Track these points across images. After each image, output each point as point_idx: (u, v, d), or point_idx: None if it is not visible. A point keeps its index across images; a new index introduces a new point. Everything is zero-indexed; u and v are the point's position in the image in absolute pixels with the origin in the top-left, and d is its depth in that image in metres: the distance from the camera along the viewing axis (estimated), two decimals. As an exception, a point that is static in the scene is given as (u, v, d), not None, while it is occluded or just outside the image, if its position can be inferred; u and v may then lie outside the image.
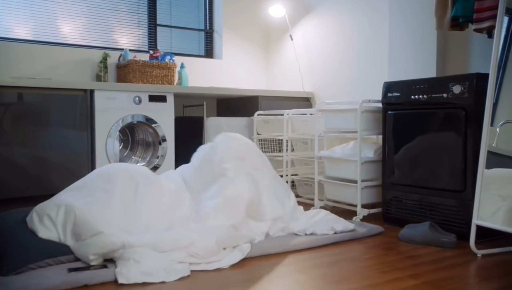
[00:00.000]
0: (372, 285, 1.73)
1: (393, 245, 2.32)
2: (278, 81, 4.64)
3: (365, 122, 2.87)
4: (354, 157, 2.86)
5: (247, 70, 4.67)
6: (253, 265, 2.00)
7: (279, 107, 3.99)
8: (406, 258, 2.08)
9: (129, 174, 2.35)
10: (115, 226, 2.08)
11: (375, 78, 3.57)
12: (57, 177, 3.10)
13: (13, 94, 2.97)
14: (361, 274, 1.86)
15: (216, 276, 1.85)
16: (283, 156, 3.57)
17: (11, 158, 2.96)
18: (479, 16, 2.40)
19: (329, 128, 3.09)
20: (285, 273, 1.88)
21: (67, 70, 3.76)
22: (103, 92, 3.26)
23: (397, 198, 2.71)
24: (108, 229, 2.03)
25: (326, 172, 3.13)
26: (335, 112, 3.02)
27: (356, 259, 2.07)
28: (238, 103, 4.18)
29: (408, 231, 2.38)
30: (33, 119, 3.03)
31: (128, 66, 3.67)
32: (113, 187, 2.25)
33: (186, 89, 3.66)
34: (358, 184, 2.83)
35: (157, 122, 3.50)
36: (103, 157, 3.26)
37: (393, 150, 2.72)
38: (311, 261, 2.05)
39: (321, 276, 1.84)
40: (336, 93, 3.94)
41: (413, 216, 2.61)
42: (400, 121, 2.68)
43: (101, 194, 2.21)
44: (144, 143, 3.67)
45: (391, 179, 2.73)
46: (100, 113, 3.24)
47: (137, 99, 3.40)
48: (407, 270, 1.91)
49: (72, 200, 2.15)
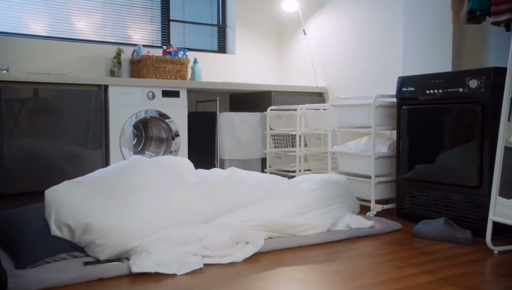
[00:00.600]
0: (386, 281, 1.72)
1: (408, 241, 2.30)
2: (291, 76, 4.62)
3: (379, 118, 2.84)
4: (368, 152, 2.84)
5: (260, 65, 4.66)
6: (267, 259, 2.00)
7: (292, 102, 3.97)
8: (421, 254, 2.06)
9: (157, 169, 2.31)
10: (138, 230, 2.00)
11: (389, 72, 3.53)
12: (72, 172, 3.12)
13: (28, 90, 3.00)
14: (375, 270, 1.85)
15: (229, 270, 1.85)
16: (296, 151, 3.56)
17: (26, 153, 2.99)
18: (496, 9, 2.36)
19: (343, 124, 3.07)
20: (299, 268, 1.88)
21: (81, 66, 3.79)
22: (117, 87, 3.28)
23: (412, 194, 2.68)
24: (128, 240, 1.95)
25: (340, 167, 3.11)
26: (348, 107, 3.00)
27: (371, 255, 2.06)
28: (251, 98, 4.18)
29: (423, 227, 2.36)
30: (48, 114, 3.06)
31: (142, 61, 3.69)
32: (141, 186, 2.19)
33: (199, 84, 3.67)
34: (372, 179, 2.81)
35: (170, 118, 3.51)
36: (117, 152, 3.28)
37: (407, 145, 2.69)
38: (326, 256, 2.05)
39: (335, 272, 1.83)
40: (349, 88, 3.91)
41: (428, 212, 2.58)
42: (414, 117, 2.65)
43: (127, 196, 2.13)
44: (158, 138, 3.69)
45: (405, 175, 2.70)
46: (114, 108, 3.26)
47: (150, 95, 3.41)
48: (422, 266, 1.89)
49: (92, 210, 2.01)
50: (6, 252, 1.98)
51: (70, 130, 3.14)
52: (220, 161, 3.77)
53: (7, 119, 2.93)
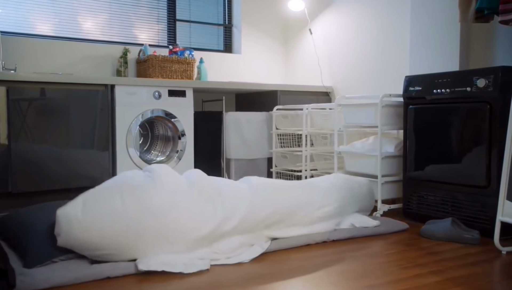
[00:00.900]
0: (393, 281, 1.71)
1: (415, 241, 2.29)
2: (297, 75, 4.62)
3: (385, 117, 2.83)
4: (374, 152, 2.83)
5: (266, 65, 4.66)
6: (273, 259, 2.00)
7: (298, 102, 3.96)
8: (428, 254, 2.05)
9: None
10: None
11: (395, 72, 3.52)
12: (78, 171, 3.14)
13: (36, 90, 3.01)
14: (381, 270, 1.84)
15: (236, 270, 1.85)
16: (302, 151, 3.55)
17: (33, 152, 3.01)
18: (505, 8, 2.34)
19: (349, 123, 3.06)
20: (305, 268, 1.88)
21: (88, 66, 3.80)
22: (124, 87, 3.29)
23: (418, 194, 2.67)
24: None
25: (346, 167, 3.11)
26: (355, 107, 2.99)
27: (377, 255, 2.05)
28: (257, 98, 4.17)
29: (430, 227, 2.35)
30: (55, 114, 3.08)
31: (148, 61, 3.69)
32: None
33: (205, 84, 3.67)
34: (379, 179, 2.79)
35: (177, 117, 3.51)
36: (124, 152, 3.29)
37: (414, 144, 2.68)
38: (332, 255, 2.04)
39: (341, 272, 1.83)
40: (355, 87, 3.90)
41: (435, 211, 2.57)
42: (421, 116, 2.63)
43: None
44: (164, 138, 3.70)
45: (412, 174, 2.69)
46: (120, 108, 3.27)
47: (156, 94, 3.42)
48: (429, 267, 1.88)
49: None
50: (14, 251, 1.99)
51: (77, 130, 3.15)
52: (226, 161, 3.77)
53: (15, 119, 2.95)
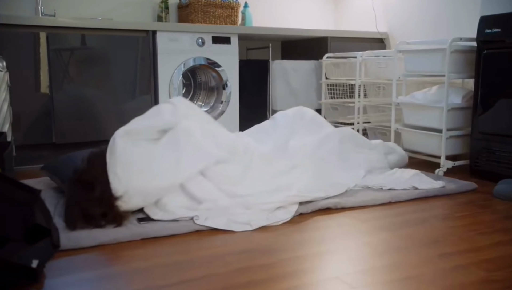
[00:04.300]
0: (473, 250, 1.51)
1: (487, 202, 2.06)
2: (348, 20, 4.27)
3: (454, 64, 2.53)
4: (439, 103, 2.56)
5: (315, 9, 4.33)
6: (324, 222, 1.83)
7: (349, 49, 3.67)
8: (506, 219, 1.83)
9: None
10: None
11: (462, 14, 3.15)
12: (120, 122, 3.03)
13: (76, 36, 2.88)
14: (456, 235, 1.64)
15: (290, 230, 1.70)
16: (355, 102, 3.31)
17: (76, 102, 2.92)
18: None
19: (410, 71, 2.78)
20: (367, 230, 1.70)
21: (128, 11, 3.62)
22: (165, 33, 3.10)
23: (489, 149, 2.41)
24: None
25: (405, 119, 2.85)
26: (418, 53, 2.69)
27: (447, 218, 1.85)
28: (305, 45, 3.90)
29: (505, 187, 2.11)
30: (95, 62, 2.95)
31: (190, 6, 3.47)
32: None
33: (250, 29, 3.43)
34: (444, 133, 2.54)
35: (221, 66, 3.32)
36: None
37: (487, 95, 2.39)
38: (394, 217, 1.85)
39: (408, 236, 1.64)
40: (414, 33, 3.55)
41: (509, 170, 2.31)
42: (498, 62, 2.32)
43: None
44: (207, 88, 3.52)
45: (483, 128, 2.42)
46: (162, 55, 3.10)
47: (200, 41, 3.22)
48: (510, 233, 1.66)
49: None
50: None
51: (118, 79, 3.02)
52: (272, 112, 3.58)
53: (56, 68, 2.84)
